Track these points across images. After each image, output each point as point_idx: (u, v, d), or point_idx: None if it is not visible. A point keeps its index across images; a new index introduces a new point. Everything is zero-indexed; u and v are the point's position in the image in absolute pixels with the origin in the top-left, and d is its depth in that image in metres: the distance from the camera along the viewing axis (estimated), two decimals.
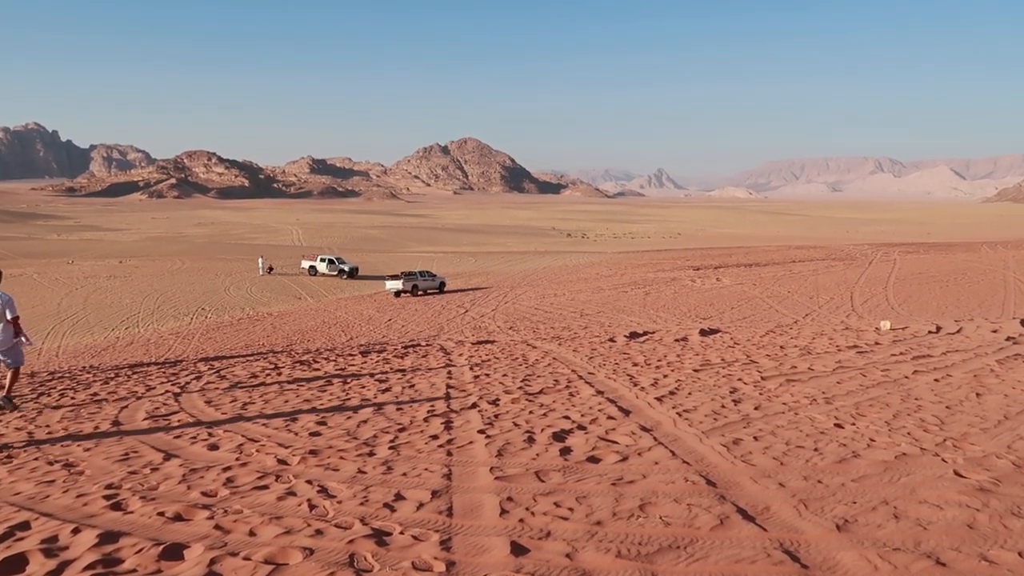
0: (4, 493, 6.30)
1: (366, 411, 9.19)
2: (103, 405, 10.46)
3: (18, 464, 7.29)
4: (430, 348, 16.77)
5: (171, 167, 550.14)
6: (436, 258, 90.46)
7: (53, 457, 7.53)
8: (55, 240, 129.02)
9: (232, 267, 72.79)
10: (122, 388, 12.08)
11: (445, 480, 6.02)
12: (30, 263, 76.98)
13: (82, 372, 15.50)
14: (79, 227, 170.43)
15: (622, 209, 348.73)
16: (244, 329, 36.49)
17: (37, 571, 4.49)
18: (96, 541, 4.93)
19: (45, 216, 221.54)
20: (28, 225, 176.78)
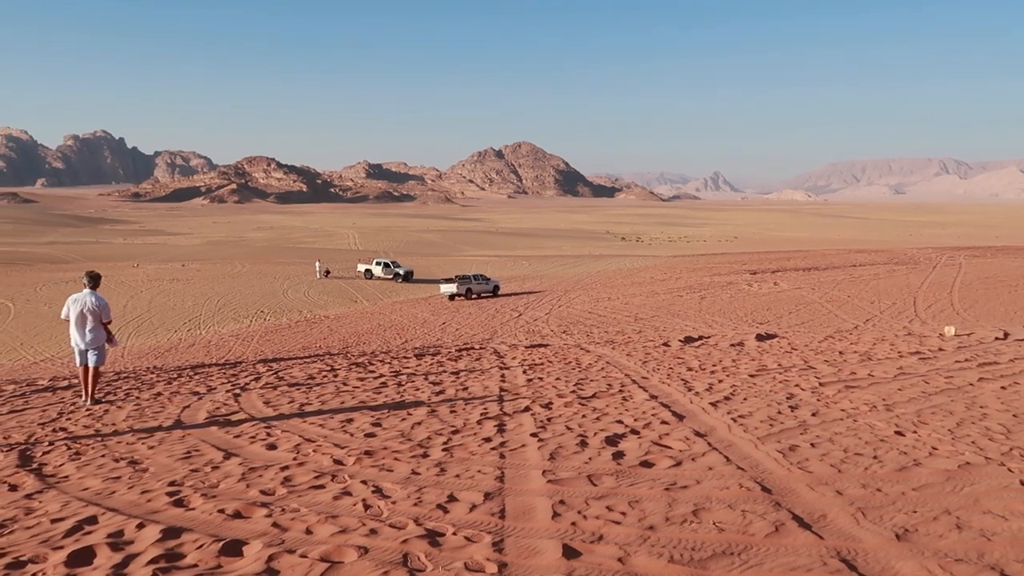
0: (73, 488, 6.52)
1: (420, 413, 9.28)
2: (166, 404, 10.76)
3: (86, 460, 7.55)
4: (483, 351, 16.84)
5: (232, 173, 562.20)
6: (490, 262, 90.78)
7: (119, 454, 7.77)
8: (121, 244, 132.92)
9: (290, 271, 74.08)
10: (184, 388, 12.40)
11: (498, 482, 6.05)
12: (98, 266, 79.40)
13: (146, 372, 15.94)
14: (144, 231, 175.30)
15: (677, 212, 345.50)
16: (301, 331, 37.10)
17: (104, 564, 4.65)
18: (159, 536, 5.08)
19: (112, 221, 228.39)
20: (96, 230, 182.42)
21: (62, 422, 9.81)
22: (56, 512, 5.79)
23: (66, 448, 8.17)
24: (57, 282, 61.11)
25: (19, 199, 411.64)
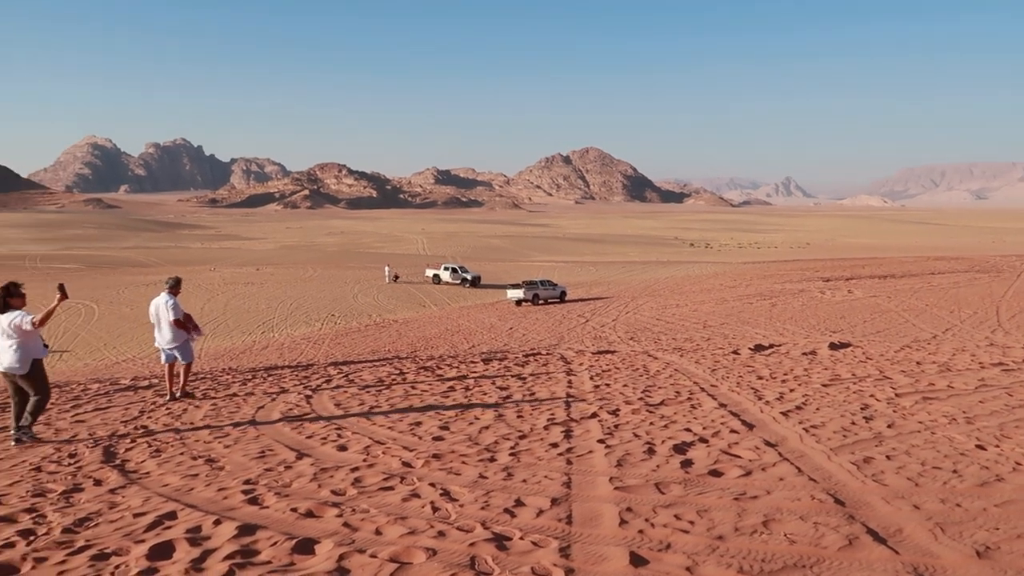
0: (154, 484, 6.76)
1: (487, 417, 9.34)
2: (241, 405, 11.05)
3: (166, 458, 7.81)
4: (550, 357, 16.84)
5: (305, 179, 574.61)
6: (557, 267, 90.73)
7: (197, 452, 8.01)
8: (199, 248, 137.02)
9: (360, 275, 75.29)
10: (258, 389, 12.71)
11: (565, 488, 6.05)
12: (177, 270, 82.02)
13: (222, 373, 16.40)
14: (220, 236, 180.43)
15: (747, 218, 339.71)
16: (371, 335, 37.67)
17: (183, 558, 4.81)
18: (235, 533, 5.23)
19: (190, 226, 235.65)
20: (175, 234, 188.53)
21: (143, 420, 10.17)
22: (138, 507, 6.02)
23: (147, 445, 8.47)
24: (138, 285, 63.37)
25: (103, 205, 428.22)
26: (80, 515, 5.84)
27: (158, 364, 23.38)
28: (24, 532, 5.45)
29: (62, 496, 6.45)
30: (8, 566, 4.79)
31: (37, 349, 9.01)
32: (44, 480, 7.04)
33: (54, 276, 73.94)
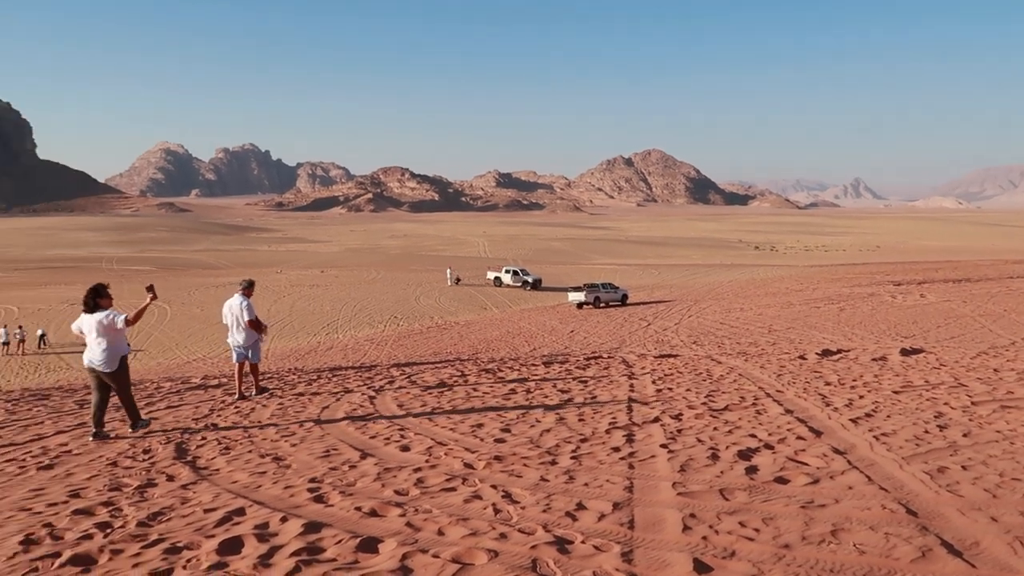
0: (223, 481, 6.93)
1: (548, 420, 9.33)
2: (307, 404, 11.27)
3: (235, 455, 8.00)
4: (612, 360, 16.75)
5: (368, 183, 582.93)
6: (618, 270, 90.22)
7: (264, 450, 8.19)
8: (266, 251, 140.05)
9: (422, 277, 76.03)
10: (323, 389, 12.94)
11: (627, 493, 6.01)
12: (244, 272, 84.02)
13: (288, 373, 16.73)
14: (286, 239, 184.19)
15: (815, 221, 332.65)
16: (433, 337, 38.00)
17: (251, 554, 4.91)
18: (301, 530, 5.32)
19: (257, 229, 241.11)
20: (243, 237, 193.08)
21: (213, 418, 10.45)
22: (208, 503, 6.17)
23: (217, 443, 8.69)
24: (208, 287, 65.07)
25: (175, 208, 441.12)
26: (154, 509, 6.02)
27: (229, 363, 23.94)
28: (101, 525, 5.64)
29: (137, 491, 6.66)
30: (87, 557, 4.97)
31: (123, 347, 9.36)
32: (120, 475, 7.28)
33: (129, 277, 76.44)
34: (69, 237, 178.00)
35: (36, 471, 7.53)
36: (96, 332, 9.10)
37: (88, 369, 9.29)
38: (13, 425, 10.32)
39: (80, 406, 12.13)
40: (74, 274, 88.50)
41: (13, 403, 12.82)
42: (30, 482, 7.10)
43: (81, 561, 4.90)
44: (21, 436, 9.46)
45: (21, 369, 36.13)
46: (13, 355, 39.15)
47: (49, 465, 7.77)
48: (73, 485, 6.92)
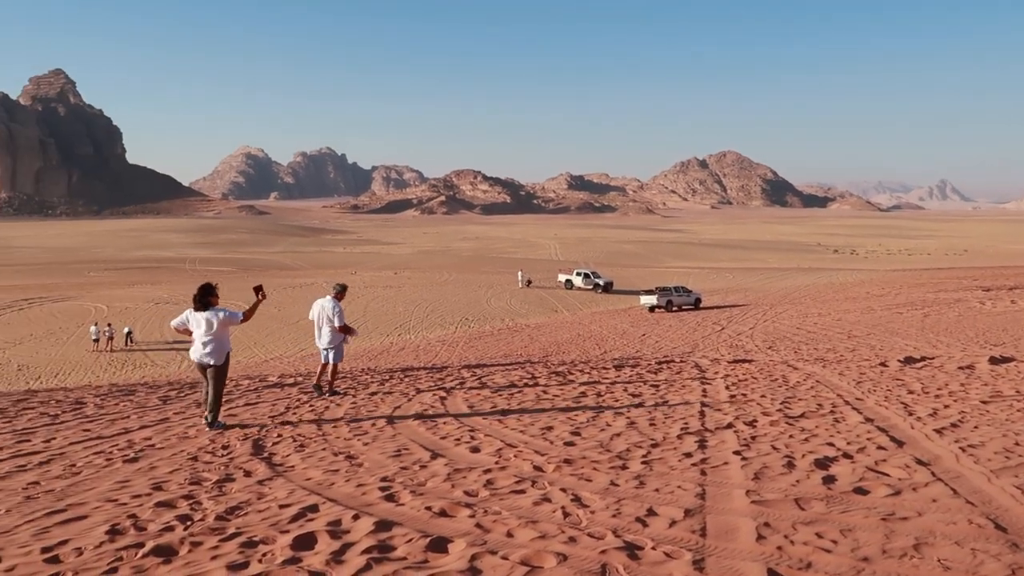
0: (297, 478, 7.08)
1: (619, 424, 9.25)
2: (379, 404, 11.42)
3: (309, 453, 8.17)
4: (684, 365, 16.52)
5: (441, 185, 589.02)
6: (691, 274, 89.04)
7: (337, 449, 8.33)
8: (341, 253, 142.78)
9: (493, 279, 76.42)
10: (395, 389, 13.10)
11: (699, 499, 5.91)
12: (321, 273, 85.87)
13: (362, 373, 17.00)
14: (361, 241, 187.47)
15: (897, 223, 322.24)
16: (503, 339, 38.13)
17: (324, 550, 5.00)
18: (372, 528, 5.39)
19: (333, 231, 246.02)
20: (320, 239, 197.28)
21: (288, 416, 10.68)
22: (283, 499, 6.31)
23: (292, 440, 8.88)
24: (286, 287, 66.62)
25: (255, 211, 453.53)
26: (231, 504, 6.18)
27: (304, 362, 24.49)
28: (182, 517, 5.82)
29: (215, 485, 6.85)
30: (169, 548, 5.13)
31: (229, 343, 9.91)
32: (200, 469, 7.50)
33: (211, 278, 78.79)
34: (156, 239, 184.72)
35: (122, 464, 7.81)
36: (207, 328, 9.59)
37: (197, 364, 9.78)
38: (101, 419, 10.74)
39: (163, 402, 12.54)
40: (160, 274, 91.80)
41: (102, 398, 13.34)
42: (116, 474, 7.37)
43: (163, 552, 5.06)
44: (109, 430, 9.83)
45: (109, 365, 37.63)
46: (102, 352, 40.78)
47: (134, 458, 8.06)
48: (156, 478, 7.17)
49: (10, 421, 10.69)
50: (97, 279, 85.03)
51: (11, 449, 8.60)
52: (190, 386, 15.38)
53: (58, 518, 5.89)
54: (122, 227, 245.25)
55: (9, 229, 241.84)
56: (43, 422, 10.58)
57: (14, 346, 42.03)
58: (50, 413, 11.43)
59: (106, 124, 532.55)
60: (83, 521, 5.80)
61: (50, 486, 6.93)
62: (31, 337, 44.65)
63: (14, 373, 35.51)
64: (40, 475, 7.36)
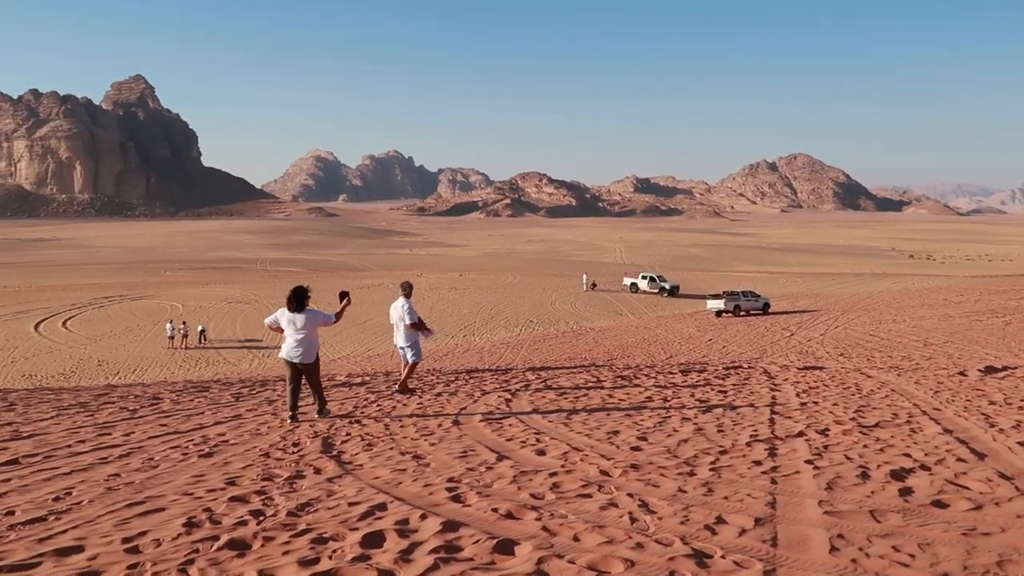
0: (366, 476, 7.18)
1: (686, 430, 9.14)
2: (445, 405, 11.51)
3: (377, 452, 8.27)
4: (752, 371, 16.24)
5: (506, 188, 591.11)
6: (760, 278, 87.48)
7: (404, 448, 8.42)
8: (407, 254, 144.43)
9: (558, 282, 76.33)
10: (461, 391, 13.18)
11: (769, 508, 5.80)
12: (387, 274, 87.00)
13: (427, 374, 17.18)
14: (427, 243, 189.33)
15: (977, 228, 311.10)
16: (568, 342, 38.06)
17: (392, 548, 5.05)
18: (439, 528, 5.43)
19: (400, 233, 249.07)
20: (386, 241, 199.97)
21: (357, 415, 10.85)
22: (352, 496, 6.40)
23: (360, 439, 9.01)
24: (354, 288, 67.61)
25: (324, 213, 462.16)
26: (302, 500, 6.30)
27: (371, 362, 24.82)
28: (255, 512, 5.96)
29: (287, 481, 7.00)
30: (242, 542, 5.25)
31: (319, 342, 10.55)
32: (272, 466, 7.67)
33: (281, 278, 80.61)
34: (228, 239, 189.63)
35: (197, 458, 8.04)
36: (300, 327, 10.18)
37: (286, 362, 10.32)
38: (177, 415, 11.07)
39: (236, 399, 12.87)
40: (232, 274, 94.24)
41: (177, 394, 13.75)
42: (192, 468, 7.59)
43: (237, 545, 5.19)
44: (184, 425, 10.13)
45: (184, 362, 38.79)
46: (177, 349, 42.05)
47: (209, 453, 8.28)
48: (230, 473, 7.35)
49: (92, 415, 11.10)
50: (173, 278, 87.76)
51: (93, 442, 8.93)
52: (261, 383, 15.75)
53: (137, 510, 6.09)
54: (197, 228, 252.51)
55: (91, 229, 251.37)
56: (123, 416, 10.96)
57: (95, 342, 43.65)
58: (129, 408, 11.84)
59: (183, 128, 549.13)
60: (161, 513, 5.98)
61: (130, 478, 7.17)
62: (111, 334, 46.31)
63: (95, 368, 36.90)
64: (120, 468, 7.62)
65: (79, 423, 10.32)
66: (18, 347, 41.85)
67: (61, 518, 5.87)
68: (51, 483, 6.99)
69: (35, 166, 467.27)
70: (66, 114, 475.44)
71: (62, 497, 6.50)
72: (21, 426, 10.09)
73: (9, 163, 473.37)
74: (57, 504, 6.28)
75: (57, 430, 9.75)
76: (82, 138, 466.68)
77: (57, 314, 52.94)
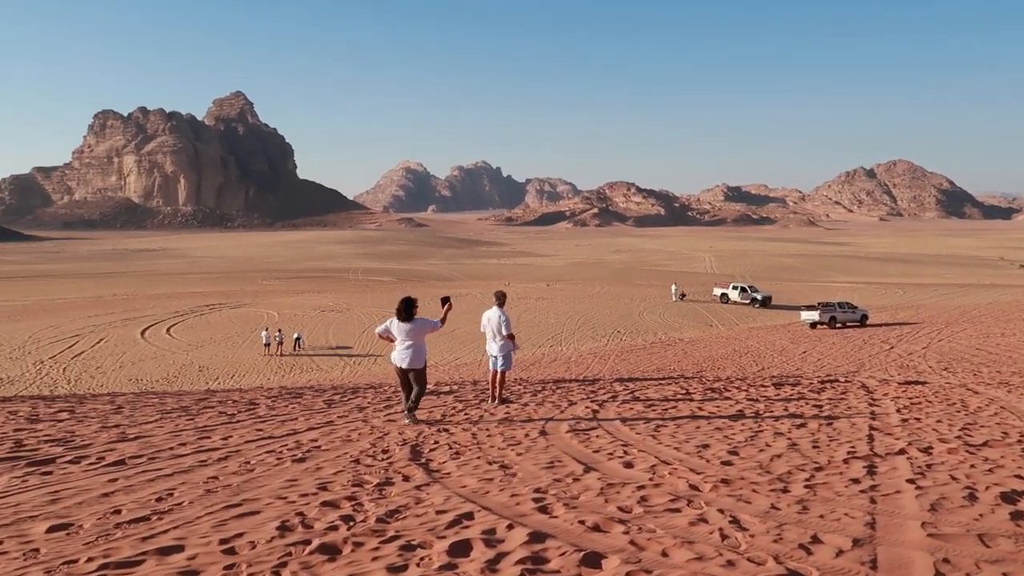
0: (453, 485, 7.22)
1: (779, 445, 8.88)
2: (532, 415, 11.51)
3: (464, 460, 8.32)
4: (850, 385, 15.69)
5: (594, 198, 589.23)
6: (857, 289, 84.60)
7: (491, 458, 8.44)
8: (495, 264, 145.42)
9: (646, 292, 75.52)
10: (548, 401, 13.16)
11: (868, 529, 5.56)
12: (475, 284, 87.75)
13: (514, 384, 17.23)
14: (514, 253, 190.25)
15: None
16: (656, 353, 37.58)
17: (479, 558, 5.06)
18: (526, 539, 5.40)
19: (487, 243, 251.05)
20: (474, 251, 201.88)
21: (445, 423, 10.95)
22: (440, 504, 6.45)
23: (448, 447, 9.08)
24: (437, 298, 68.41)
25: (413, 223, 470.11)
26: (391, 507, 6.38)
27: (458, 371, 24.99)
28: (345, 518, 6.06)
29: (376, 488, 7.10)
30: (333, 547, 5.35)
31: (426, 349, 11.21)
32: (362, 472, 7.80)
33: (372, 287, 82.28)
34: (322, 249, 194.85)
35: (291, 463, 8.24)
36: (410, 336, 10.83)
37: (398, 368, 10.94)
38: (272, 420, 11.39)
39: (328, 405, 13.16)
40: (325, 283, 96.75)
41: (273, 399, 14.17)
42: (285, 473, 7.78)
43: (328, 550, 5.28)
44: (279, 430, 10.41)
45: (279, 368, 39.97)
46: (273, 356, 43.37)
47: (302, 458, 8.49)
48: (322, 478, 7.51)
49: (193, 419, 11.54)
50: (269, 287, 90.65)
51: (194, 445, 9.27)
52: (352, 390, 16.08)
53: (234, 512, 6.27)
54: (292, 238, 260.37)
55: (194, 240, 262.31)
56: (221, 420, 11.35)
57: (196, 348, 45.42)
58: (227, 412, 12.26)
59: (279, 142, 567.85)
60: (256, 516, 6.15)
61: (227, 481, 7.40)
62: (211, 340, 48.11)
63: (196, 373, 38.40)
64: (219, 470, 7.88)
65: (181, 426, 10.74)
66: (126, 352, 43.90)
67: (163, 518, 6.09)
68: (154, 484, 7.28)
69: (143, 180, 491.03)
70: (171, 130, 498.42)
71: (164, 498, 6.76)
72: (127, 428, 10.56)
73: (119, 177, 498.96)
74: (159, 504, 6.53)
75: (160, 433, 10.16)
76: (186, 153, 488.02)
77: (161, 321, 55.33)
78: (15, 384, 35.17)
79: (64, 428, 10.60)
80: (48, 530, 5.75)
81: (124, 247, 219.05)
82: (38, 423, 11.13)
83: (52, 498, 6.74)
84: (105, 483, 7.30)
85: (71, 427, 10.72)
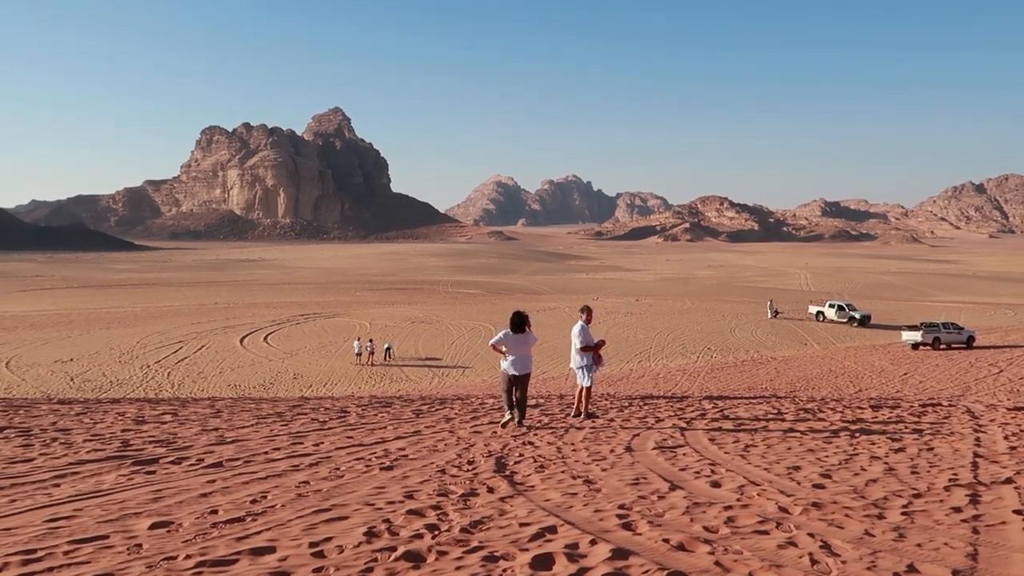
0: (537, 498, 7.24)
1: (875, 469, 8.56)
2: (618, 431, 11.42)
3: (549, 474, 8.32)
4: (953, 409, 14.99)
5: (685, 212, 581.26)
6: (964, 309, 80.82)
7: (576, 472, 8.42)
8: (584, 278, 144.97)
9: (738, 309, 73.97)
10: (634, 417, 13.03)
11: (970, 560, 5.31)
12: (563, 298, 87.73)
13: (601, 399, 17.12)
14: (603, 267, 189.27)
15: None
16: (747, 371, 36.75)
17: (561, 572, 5.06)
18: (609, 555, 5.37)
19: (577, 257, 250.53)
20: (563, 265, 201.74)
21: (530, 436, 10.97)
22: (523, 517, 6.47)
23: (533, 460, 9.10)
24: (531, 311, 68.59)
25: (503, 237, 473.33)
26: (475, 518, 6.44)
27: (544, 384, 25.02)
28: (430, 527, 6.15)
29: (461, 498, 7.18)
30: (417, 555, 5.44)
31: (532, 357, 12.19)
32: (447, 482, 7.90)
33: (461, 299, 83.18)
34: (414, 262, 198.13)
35: (379, 471, 8.41)
36: (523, 346, 11.77)
37: (510, 376, 11.72)
38: (362, 428, 11.65)
39: (416, 415, 13.37)
40: (416, 295, 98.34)
41: (363, 408, 14.49)
42: (373, 480, 7.95)
43: (412, 558, 5.37)
44: (368, 438, 10.64)
45: (370, 378, 40.81)
46: (364, 365, 44.31)
47: (390, 467, 8.65)
48: (408, 487, 7.64)
49: (287, 424, 11.90)
50: (362, 298, 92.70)
51: (287, 450, 9.56)
52: (440, 401, 16.29)
53: (324, 516, 6.45)
54: (385, 250, 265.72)
55: (292, 251, 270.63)
56: (313, 427, 11.68)
57: (291, 356, 46.80)
58: (319, 419, 12.60)
59: (375, 156, 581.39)
60: (344, 521, 6.30)
61: (318, 486, 7.61)
62: (305, 349, 49.50)
63: (291, 381, 39.57)
64: (310, 475, 8.11)
65: (275, 431, 11.10)
66: (226, 359, 45.60)
67: (257, 519, 6.31)
68: (249, 486, 7.55)
69: (245, 193, 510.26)
70: (272, 145, 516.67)
71: (258, 500, 7.00)
72: (226, 432, 10.98)
73: (223, 190, 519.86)
74: (254, 506, 6.77)
75: (256, 437, 10.53)
76: (286, 167, 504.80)
77: (260, 329, 57.26)
78: (123, 386, 36.99)
79: (167, 430, 11.11)
80: (150, 527, 6.04)
81: (226, 257, 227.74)
82: (143, 424, 11.69)
83: (155, 496, 7.07)
84: (204, 484, 7.62)
85: (173, 429, 11.22)
